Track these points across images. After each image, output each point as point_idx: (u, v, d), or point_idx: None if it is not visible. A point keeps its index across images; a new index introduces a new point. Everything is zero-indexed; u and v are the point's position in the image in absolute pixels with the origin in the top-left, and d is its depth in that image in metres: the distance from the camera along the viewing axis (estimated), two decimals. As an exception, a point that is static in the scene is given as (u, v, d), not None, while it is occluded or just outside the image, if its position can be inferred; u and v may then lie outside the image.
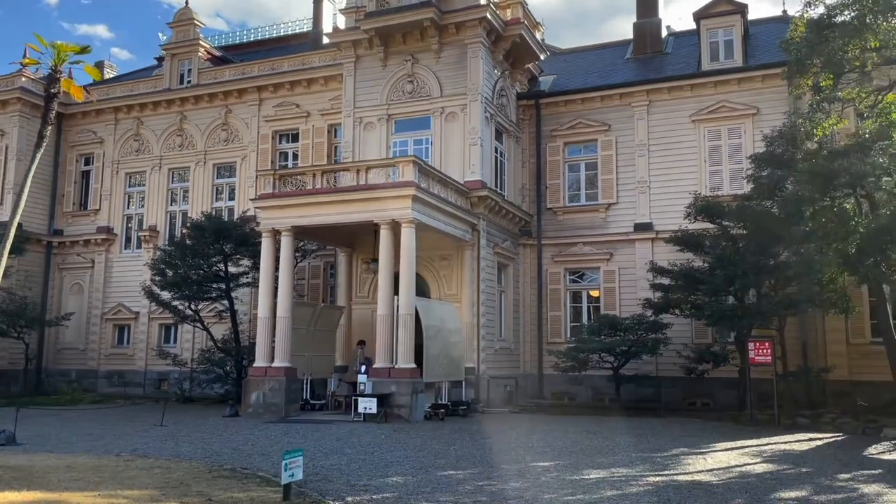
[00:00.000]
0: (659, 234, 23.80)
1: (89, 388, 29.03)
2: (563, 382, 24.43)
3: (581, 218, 25.44)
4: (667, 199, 24.09)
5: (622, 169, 25.05)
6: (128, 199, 30.85)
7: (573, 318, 25.25)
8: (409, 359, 18.07)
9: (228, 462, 11.55)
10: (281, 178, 19.87)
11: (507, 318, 24.49)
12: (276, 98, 28.35)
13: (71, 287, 30.89)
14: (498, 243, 23.64)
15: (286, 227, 19.56)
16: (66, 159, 31.78)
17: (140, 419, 18.56)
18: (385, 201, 18.53)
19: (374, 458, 12.01)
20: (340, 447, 13.27)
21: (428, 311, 19.12)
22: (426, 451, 12.94)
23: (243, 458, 11.95)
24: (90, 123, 31.64)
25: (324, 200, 19.12)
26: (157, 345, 28.56)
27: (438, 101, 23.24)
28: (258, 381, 19.11)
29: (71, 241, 30.81)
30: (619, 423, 18.00)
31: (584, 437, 15.00)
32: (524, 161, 26.32)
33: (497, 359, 23.11)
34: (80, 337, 30.29)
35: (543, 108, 26.26)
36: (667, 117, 24.73)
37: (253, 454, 12.52)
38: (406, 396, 17.59)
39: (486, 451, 12.98)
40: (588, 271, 25.31)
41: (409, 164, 18.38)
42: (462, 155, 22.70)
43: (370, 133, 23.88)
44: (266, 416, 18.70)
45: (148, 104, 30.39)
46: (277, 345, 19.33)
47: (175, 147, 30.05)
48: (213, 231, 23.29)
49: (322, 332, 22.20)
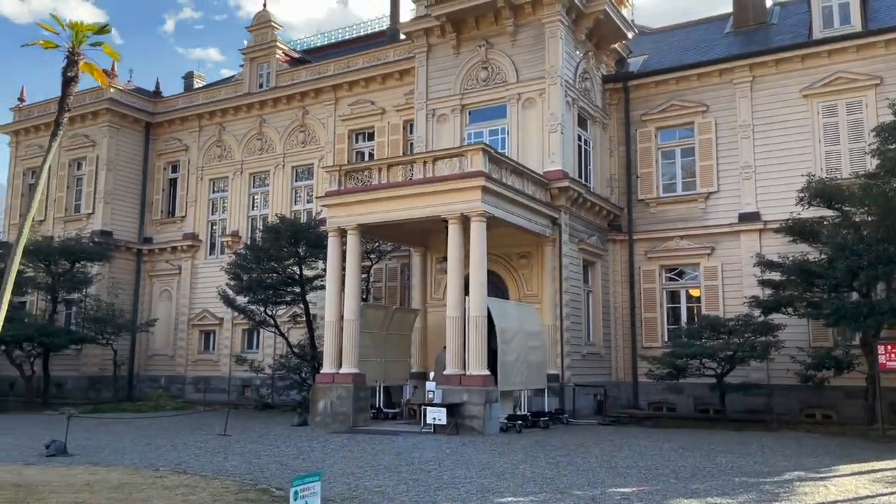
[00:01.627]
0: (767, 224, 21.19)
1: (177, 395, 29.16)
2: (660, 391, 22.19)
3: (677, 209, 23.11)
4: (775, 186, 21.45)
5: (723, 153, 22.56)
6: (212, 205, 30.91)
7: (671, 320, 22.94)
8: (482, 365, 16.53)
9: (268, 480, 10.42)
10: (346, 175, 18.83)
11: (595, 321, 22.50)
12: (351, 96, 27.57)
13: (160, 294, 31.24)
14: (583, 239, 21.72)
15: (352, 226, 18.49)
16: (154, 168, 32.26)
17: (208, 427, 17.91)
18: (452, 194, 17.10)
19: (428, 479, 10.56)
20: (396, 464, 11.90)
21: (502, 313, 17.53)
22: (491, 470, 11.37)
23: (287, 475, 10.77)
24: (176, 131, 31.99)
25: (388, 196, 17.91)
26: (240, 350, 28.38)
27: (515, 86, 21.61)
28: (325, 388, 18.09)
29: (159, 249, 31.19)
30: (722, 439, 15.76)
31: (678, 456, 12.98)
32: (612, 149, 24.25)
33: (584, 365, 21.17)
34: (168, 343, 30.55)
35: (632, 90, 24.11)
36: (774, 94, 22.06)
37: (299, 470, 11.34)
38: (478, 406, 16.05)
39: (560, 472, 11.26)
40: (686, 268, 22.93)
41: (477, 152, 16.88)
42: (541, 144, 20.98)
43: (443, 126, 22.54)
44: (333, 426, 17.64)
45: (229, 109, 30.36)
46: (345, 350, 18.26)
47: (255, 151, 29.84)
48: (287, 233, 22.59)
49: (396, 336, 20.99)
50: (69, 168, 31.77)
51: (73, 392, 29.14)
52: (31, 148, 33.05)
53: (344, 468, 11.37)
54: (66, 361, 29.46)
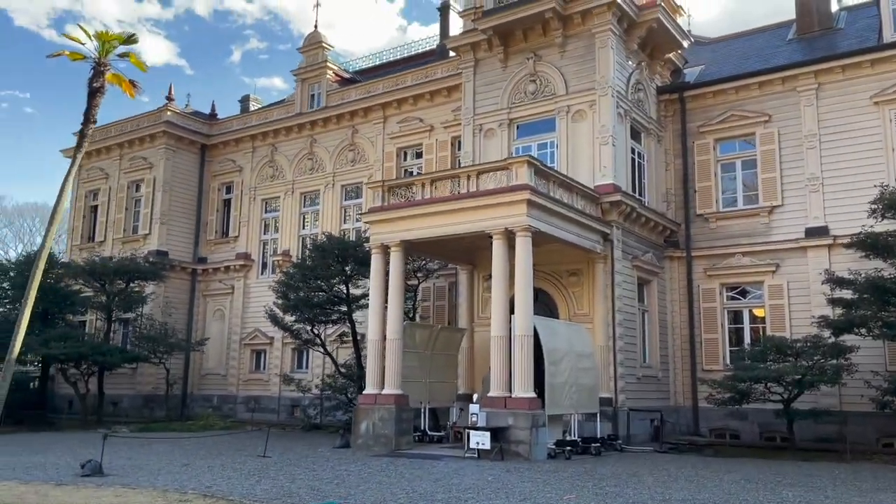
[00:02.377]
0: (837, 239, 19.87)
1: (228, 414, 29.21)
2: (723, 417, 20.92)
3: (738, 224, 21.93)
4: (845, 198, 20.15)
5: (787, 165, 21.34)
6: (264, 224, 31.10)
7: (733, 342, 21.70)
8: (528, 387, 15.78)
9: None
10: (390, 191, 18.46)
11: (651, 342, 21.45)
12: (400, 114, 27.37)
13: (213, 313, 31.49)
14: (637, 255, 20.77)
15: (394, 242, 18.07)
16: (209, 189, 32.72)
17: (251, 448, 17.62)
18: (497, 208, 16.49)
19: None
20: (433, 491, 11.26)
21: (550, 332, 16.75)
22: (532, 500, 10.62)
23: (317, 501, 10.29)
24: (230, 153, 32.40)
25: (431, 211, 17.42)
26: (290, 370, 28.26)
27: (564, 99, 20.95)
28: (368, 409, 17.60)
29: (213, 268, 31.49)
30: (790, 470, 14.56)
31: (740, 489, 11.95)
32: (668, 163, 23.27)
33: (640, 388, 20.14)
34: (220, 362, 30.70)
35: (689, 101, 23.13)
36: (841, 101, 20.80)
37: (331, 496, 10.83)
38: (524, 431, 15.27)
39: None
40: (749, 286, 21.69)
41: (522, 164, 16.26)
42: (591, 157, 20.23)
43: (490, 141, 22.03)
44: (375, 449, 17.11)
45: (281, 130, 30.60)
46: (387, 370, 17.76)
47: (306, 171, 29.92)
48: (333, 251, 22.37)
49: (441, 356, 20.41)
50: (128, 190, 32.50)
51: (128, 410, 29.52)
52: (92, 171, 33.99)
53: (377, 495, 10.80)
54: (122, 380, 29.92)
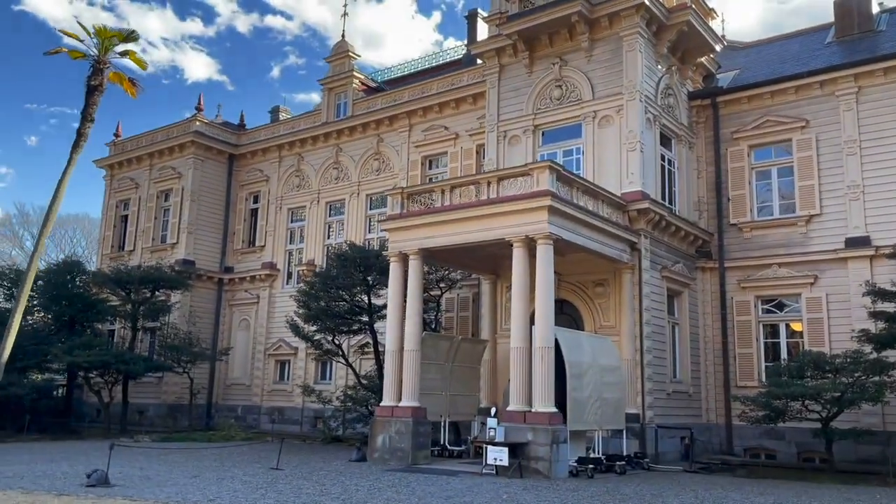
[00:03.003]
0: (879, 249, 18.87)
1: (252, 425, 29.02)
2: (758, 436, 19.98)
3: (774, 234, 21.02)
4: (887, 207, 19.21)
5: (826, 172, 20.40)
6: (290, 234, 30.98)
7: (769, 357, 20.73)
8: (549, 401, 15.13)
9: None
10: (409, 198, 18.04)
11: (682, 356, 20.60)
12: (425, 122, 27.04)
13: (239, 323, 31.40)
14: (667, 266, 20.00)
15: (413, 250, 17.62)
16: (237, 198, 32.75)
17: (266, 460, 17.22)
18: (517, 215, 15.94)
19: (469, 529, 9.34)
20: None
21: (573, 344, 16.09)
22: (544, 521, 10.01)
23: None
24: (258, 162, 32.41)
25: (450, 218, 16.94)
26: (313, 381, 27.96)
27: (590, 104, 20.36)
28: (384, 422, 17.11)
29: (239, 278, 31.43)
30: (827, 494, 13.66)
31: (770, 513, 11.17)
32: (699, 170, 22.47)
33: (670, 404, 19.31)
34: (245, 373, 30.56)
35: (722, 106, 22.33)
36: (883, 105, 19.85)
37: (334, 512, 10.36)
38: (544, 447, 14.62)
39: (625, 527, 9.77)
40: (786, 299, 20.73)
41: (543, 170, 15.70)
42: (618, 164, 19.57)
43: (515, 148, 21.51)
44: (391, 463, 16.60)
45: (307, 139, 30.50)
46: (405, 382, 17.26)
47: (332, 180, 29.75)
48: (355, 260, 22.02)
49: (462, 368, 19.84)
50: (157, 200, 32.68)
51: (153, 419, 29.50)
52: (123, 181, 34.31)
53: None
54: (147, 389, 29.95)
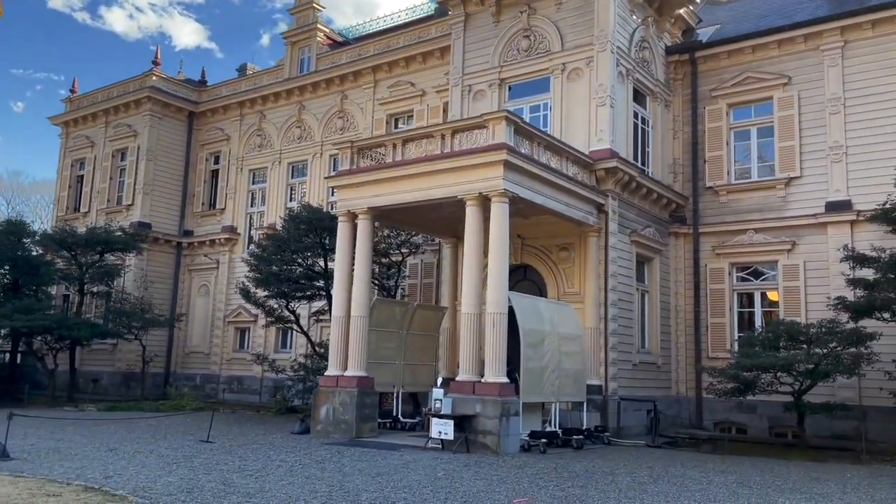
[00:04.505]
0: (860, 214, 17.78)
1: (211, 394, 27.93)
2: (729, 409, 19.06)
3: (751, 198, 19.90)
4: (871, 169, 18.04)
5: (807, 132, 19.23)
6: (251, 196, 29.62)
7: (744, 327, 19.72)
8: (500, 371, 14.03)
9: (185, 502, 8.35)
10: (360, 152, 16.73)
11: (651, 326, 19.56)
12: (390, 78, 25.59)
13: (198, 289, 30.13)
14: (637, 230, 18.85)
15: (362, 209, 16.35)
16: (196, 159, 31.27)
17: (202, 432, 16.04)
18: (471, 170, 14.68)
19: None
20: (360, 489, 9.58)
21: (529, 311, 14.96)
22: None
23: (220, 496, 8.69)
24: (219, 121, 30.89)
25: (401, 175, 15.67)
26: (274, 350, 26.83)
27: (559, 56, 19.01)
28: (328, 393, 15.99)
29: (199, 242, 30.09)
30: (795, 472, 12.68)
31: (728, 494, 10.12)
32: (676, 130, 21.24)
33: (636, 376, 18.29)
34: (205, 340, 29.37)
35: (700, 62, 21.04)
36: (870, 61, 18.62)
37: (240, 491, 9.21)
38: (493, 420, 13.54)
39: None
40: (762, 266, 19.68)
41: (500, 121, 14.41)
42: (587, 120, 18.30)
43: (480, 103, 20.14)
44: (335, 435, 15.52)
45: (269, 96, 29.00)
46: (351, 350, 16.12)
47: (294, 140, 28.33)
48: (309, 222, 20.73)
49: (419, 336, 18.73)
50: (112, 159, 31.14)
51: (107, 388, 28.32)
52: (78, 139, 32.70)
53: (292, 492, 9.16)
54: (101, 357, 28.77)
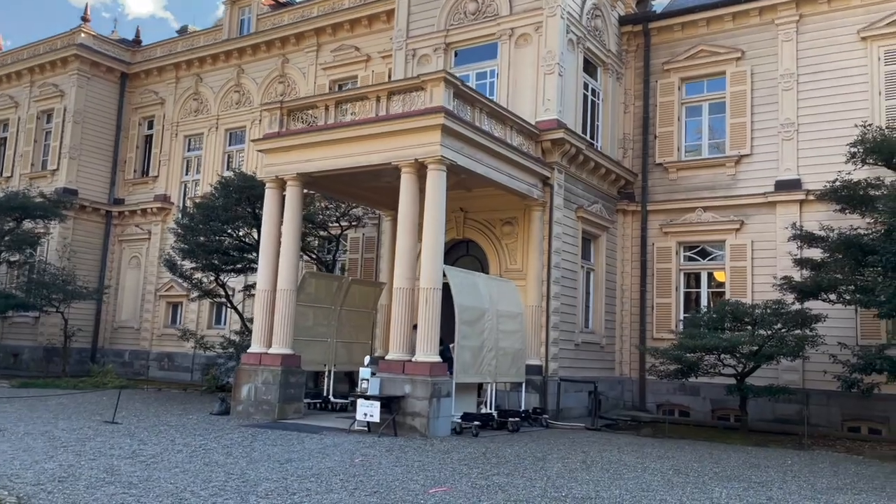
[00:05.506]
0: (810, 193, 17.33)
1: (140, 371, 26.62)
2: (672, 391, 18.62)
3: (701, 176, 19.35)
4: (822, 148, 17.59)
5: (759, 109, 18.70)
6: (186, 164, 28.07)
7: (690, 308, 19.22)
8: (432, 350, 13.17)
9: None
10: (290, 113, 15.60)
11: (596, 305, 18.94)
12: (334, 41, 24.32)
13: (129, 260, 28.58)
14: (583, 206, 18.13)
15: (291, 175, 15.25)
16: (128, 123, 29.53)
17: (112, 411, 14.86)
18: (406, 135, 13.69)
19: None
20: (261, 479, 8.64)
21: (466, 287, 14.11)
22: (383, 496, 8.05)
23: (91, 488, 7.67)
24: (153, 83, 29.18)
25: (333, 138, 14.59)
26: (207, 325, 25.60)
27: (507, 20, 18.06)
28: (251, 371, 14.94)
29: (130, 211, 28.51)
30: (735, 457, 12.15)
31: (662, 482, 9.47)
32: (627, 104, 20.54)
33: (578, 357, 17.66)
34: (135, 315, 27.91)
35: (654, 34, 20.34)
36: (824, 36, 18.12)
37: (117, 481, 8.19)
38: (423, 401, 12.70)
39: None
40: (710, 245, 19.19)
41: (438, 83, 13.42)
42: (535, 89, 17.43)
43: (424, 68, 18.95)
44: (256, 417, 14.51)
45: (207, 58, 27.43)
46: (276, 326, 15.07)
47: (232, 105, 26.86)
48: (241, 190, 19.48)
49: (354, 312, 17.76)
50: (37, 121, 29.20)
51: (28, 363, 26.72)
52: (2, 98, 30.54)
53: (179, 483, 8.16)
54: (22, 330, 27.19)
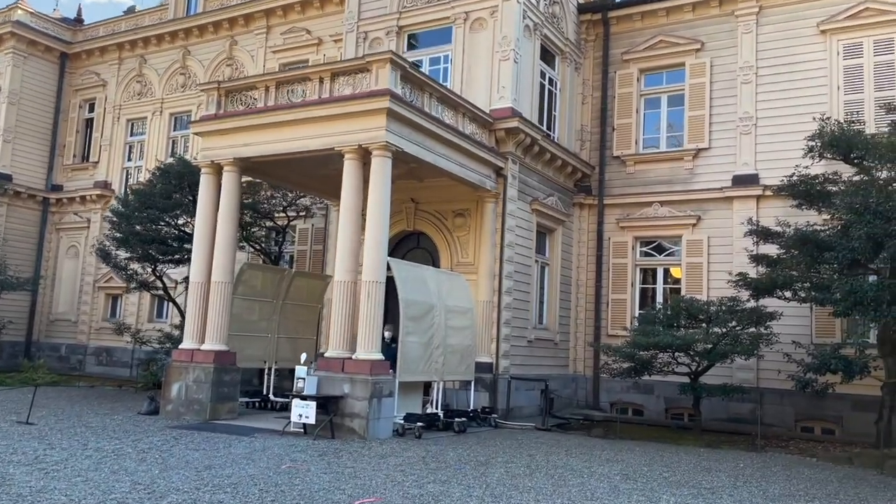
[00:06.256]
0: (767, 189, 17.00)
1: (77, 366, 25.39)
2: (626, 390, 18.18)
3: (659, 169, 18.91)
4: (780, 143, 17.26)
5: (718, 101, 18.32)
6: (128, 149, 26.78)
7: (646, 304, 18.80)
8: (373, 347, 12.43)
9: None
10: (227, 95, 14.64)
11: (551, 301, 18.39)
12: (285, 24, 23.31)
13: (67, 250, 27.21)
14: (538, 198, 17.55)
15: (227, 160, 14.33)
16: (68, 105, 28.08)
17: (40, 409, 13.83)
18: (350, 119, 12.90)
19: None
20: (174, 486, 7.84)
21: (412, 280, 13.40)
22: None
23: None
24: (95, 64, 27.78)
25: (272, 121, 13.71)
26: (147, 318, 24.48)
27: (462, 3, 17.33)
28: (182, 368, 14.02)
29: (68, 198, 27.11)
30: (686, 460, 11.69)
31: (607, 489, 8.91)
32: (585, 95, 20.01)
33: (531, 354, 17.09)
34: (72, 307, 26.57)
35: (613, 23, 19.83)
36: (784, 28, 17.78)
37: (8, 494, 7.34)
38: (362, 402, 11.96)
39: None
40: (666, 241, 18.77)
41: (384, 64, 12.65)
42: (490, 76, 16.76)
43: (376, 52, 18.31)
44: (187, 417, 13.61)
45: (151, 38, 26.14)
46: (210, 321, 14.17)
47: (178, 87, 25.66)
48: (180, 176, 18.46)
49: (298, 306, 16.92)
50: (-30, 101, 27.62)
51: (-44, 357, 25.28)
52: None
53: (77, 494, 7.32)
54: (-51, 322, 25.61)
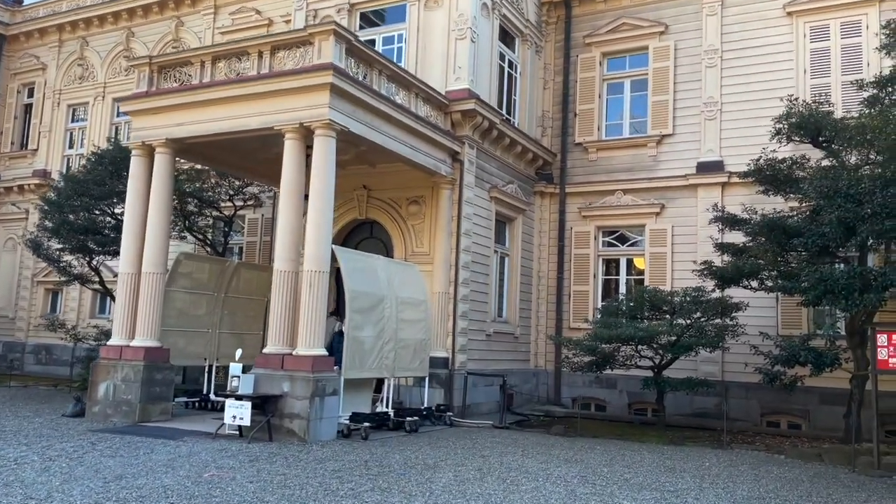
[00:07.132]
0: (733, 176, 16.43)
1: (14, 365, 23.98)
2: (589, 385, 17.54)
3: (622, 156, 18.27)
4: (745, 128, 16.72)
5: (682, 86, 17.73)
6: (69, 136, 25.41)
7: (609, 295, 18.15)
8: (315, 342, 11.51)
9: None
10: (160, 71, 13.57)
11: (511, 292, 17.65)
12: (234, 4, 22.19)
13: (4, 243, 25.75)
14: (497, 185, 16.76)
15: (160, 141, 13.27)
16: (6, 90, 26.59)
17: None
18: (291, 96, 11.94)
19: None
20: (73, 500, 6.88)
21: (360, 270, 12.52)
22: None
23: None
24: (34, 47, 26.33)
25: (208, 98, 12.69)
26: (90, 314, 23.23)
27: (415, -20, 16.49)
28: (109, 367, 12.95)
29: (5, 188, 25.65)
30: (648, 459, 11.00)
31: (563, 495, 8.15)
32: (546, 80, 19.28)
33: (489, 348, 16.31)
34: (10, 303, 25.16)
35: (575, 5, 19.13)
36: (749, 10, 17.24)
37: None
38: (303, 401, 11.05)
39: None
40: (628, 230, 18.15)
41: (327, 36, 11.72)
42: (446, 57, 15.91)
43: (325, 30, 17.33)
44: (115, 419, 12.56)
45: (93, 20, 24.82)
46: (141, 315, 13.12)
47: (121, 71, 24.34)
48: (117, 162, 17.28)
49: (243, 300, 15.91)
50: None
51: None
52: None
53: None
54: None
